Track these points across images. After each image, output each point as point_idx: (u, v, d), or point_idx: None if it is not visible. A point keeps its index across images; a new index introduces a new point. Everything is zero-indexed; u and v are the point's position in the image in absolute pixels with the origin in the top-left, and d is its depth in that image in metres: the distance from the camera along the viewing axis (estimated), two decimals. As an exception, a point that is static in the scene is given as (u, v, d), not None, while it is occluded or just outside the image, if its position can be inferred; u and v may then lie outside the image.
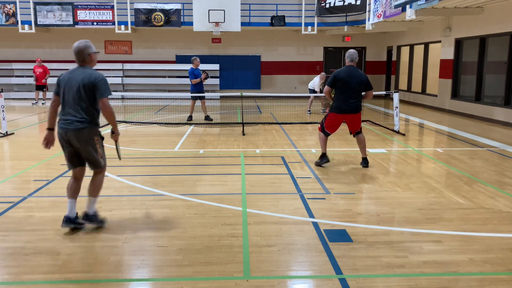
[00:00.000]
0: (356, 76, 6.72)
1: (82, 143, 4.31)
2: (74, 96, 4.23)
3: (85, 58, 4.33)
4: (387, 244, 4.14)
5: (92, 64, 4.40)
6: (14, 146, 9.01)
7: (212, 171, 7.04)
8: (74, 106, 4.24)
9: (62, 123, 4.27)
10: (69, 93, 4.25)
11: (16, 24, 18.23)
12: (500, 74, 12.21)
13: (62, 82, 4.32)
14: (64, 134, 4.27)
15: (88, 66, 4.36)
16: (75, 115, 4.24)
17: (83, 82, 4.21)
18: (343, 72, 6.72)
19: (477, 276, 3.56)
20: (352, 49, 6.92)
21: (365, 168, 7.07)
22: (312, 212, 5.02)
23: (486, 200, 5.47)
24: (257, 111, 15.29)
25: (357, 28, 18.37)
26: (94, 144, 4.44)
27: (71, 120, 4.24)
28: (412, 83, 18.27)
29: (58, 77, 4.41)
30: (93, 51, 4.37)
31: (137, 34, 20.24)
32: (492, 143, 9.24)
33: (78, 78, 4.24)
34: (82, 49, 4.30)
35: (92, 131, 4.39)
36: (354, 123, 7.00)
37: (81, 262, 3.79)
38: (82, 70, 4.30)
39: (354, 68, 6.79)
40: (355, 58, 6.76)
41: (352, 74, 6.70)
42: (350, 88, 6.68)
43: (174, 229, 4.51)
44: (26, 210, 5.10)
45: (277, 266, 3.73)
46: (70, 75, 4.31)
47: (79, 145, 4.32)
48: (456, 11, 12.82)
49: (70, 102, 4.25)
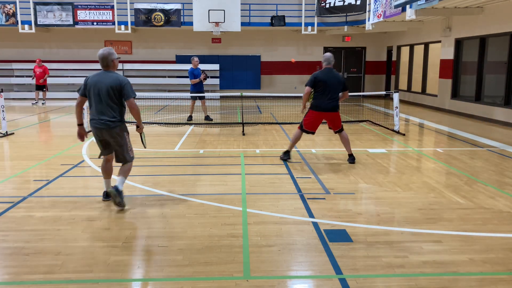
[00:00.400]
0: (335, 77, 7.15)
1: (114, 138, 5.00)
2: (104, 98, 4.83)
3: (109, 64, 4.91)
4: (387, 244, 4.14)
5: (114, 69, 4.99)
6: (14, 146, 9.01)
7: (212, 171, 7.04)
8: (105, 107, 4.85)
9: (96, 123, 4.91)
10: (99, 95, 4.83)
11: (16, 24, 18.23)
12: (500, 74, 12.21)
13: (89, 84, 4.89)
14: (99, 132, 4.96)
15: (111, 70, 4.95)
16: (108, 114, 4.86)
17: (111, 85, 4.81)
18: (323, 74, 7.10)
19: (477, 276, 3.56)
20: (328, 53, 7.34)
21: (352, 164, 7.30)
22: (312, 212, 5.02)
23: (486, 200, 5.47)
24: (257, 111, 15.29)
25: (357, 28, 18.37)
26: (124, 138, 5.06)
27: (104, 120, 4.87)
28: (412, 83, 18.27)
29: (85, 79, 4.96)
30: (116, 57, 4.97)
31: (137, 34, 20.24)
32: (492, 143, 9.25)
33: (106, 81, 4.82)
34: (106, 56, 4.87)
35: (122, 128, 5.02)
36: (335, 122, 7.34)
37: (81, 262, 3.79)
38: (108, 74, 4.89)
39: (332, 70, 7.19)
40: (332, 61, 7.17)
41: (331, 75, 7.12)
42: (329, 88, 7.06)
43: (174, 229, 4.51)
44: (26, 210, 5.10)
45: (277, 266, 3.73)
46: (96, 78, 4.88)
47: (112, 140, 5.02)
48: (456, 11, 12.82)
49: (101, 103, 4.85)
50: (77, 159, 7.70)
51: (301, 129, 7.38)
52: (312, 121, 7.29)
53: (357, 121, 12.51)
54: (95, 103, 4.88)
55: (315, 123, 7.32)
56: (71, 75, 20.42)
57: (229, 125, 11.77)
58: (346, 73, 21.68)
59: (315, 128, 7.38)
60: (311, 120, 7.28)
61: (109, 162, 5.28)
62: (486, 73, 13.11)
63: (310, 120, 7.29)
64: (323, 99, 7.09)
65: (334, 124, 7.36)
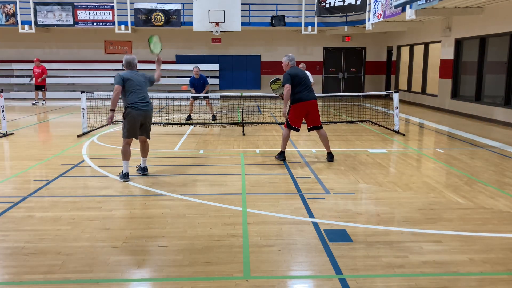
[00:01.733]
0: (302, 72, 7.65)
1: (151, 117, 6.54)
2: (145, 88, 6.41)
3: (135, 66, 6.48)
4: (387, 244, 4.14)
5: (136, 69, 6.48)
6: (14, 146, 9.01)
7: (212, 171, 7.04)
8: (146, 94, 6.41)
9: (142, 105, 6.29)
10: (139, 86, 6.32)
11: (16, 24, 18.22)
12: (500, 74, 12.21)
13: (129, 78, 6.26)
14: (147, 112, 6.38)
15: (135, 70, 6.45)
16: (148, 100, 6.41)
17: (145, 78, 6.50)
18: (294, 70, 7.48)
19: (477, 276, 3.56)
20: (290, 54, 7.87)
21: (331, 162, 7.47)
22: (312, 212, 5.02)
23: (486, 200, 5.47)
24: (257, 111, 15.29)
25: (357, 28, 18.38)
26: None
27: (148, 103, 6.39)
28: (412, 83, 18.27)
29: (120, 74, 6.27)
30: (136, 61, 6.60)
31: (137, 34, 20.23)
32: (492, 143, 9.24)
33: (141, 75, 6.44)
34: (132, 60, 6.49)
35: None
36: (316, 114, 7.53)
37: (81, 262, 3.79)
38: (137, 72, 6.46)
39: (296, 67, 7.65)
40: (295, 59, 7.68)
41: (299, 70, 7.60)
42: (303, 80, 7.45)
43: (174, 229, 4.51)
44: (26, 210, 5.10)
45: (277, 266, 3.73)
46: (131, 74, 6.32)
47: (150, 119, 6.50)
48: (456, 11, 12.82)
49: (143, 91, 6.37)
50: (77, 159, 7.71)
51: (288, 127, 7.55)
52: (297, 116, 7.44)
53: (357, 121, 12.51)
54: (137, 91, 6.28)
55: (299, 117, 7.49)
56: (71, 75, 20.43)
57: (229, 125, 11.77)
58: (346, 73, 21.69)
59: (299, 124, 7.54)
60: (296, 115, 7.45)
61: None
62: (486, 73, 13.11)
63: (295, 115, 7.45)
64: (303, 91, 7.37)
65: (315, 117, 7.52)
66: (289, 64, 7.59)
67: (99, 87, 20.18)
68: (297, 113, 7.45)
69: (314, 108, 7.52)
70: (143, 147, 6.65)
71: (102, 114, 11.36)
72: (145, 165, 6.68)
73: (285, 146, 7.68)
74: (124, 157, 6.35)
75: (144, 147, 6.65)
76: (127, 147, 6.37)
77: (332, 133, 7.08)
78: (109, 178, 6.50)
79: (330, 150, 7.67)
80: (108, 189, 5.96)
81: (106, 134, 10.31)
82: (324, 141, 7.65)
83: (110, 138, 9.72)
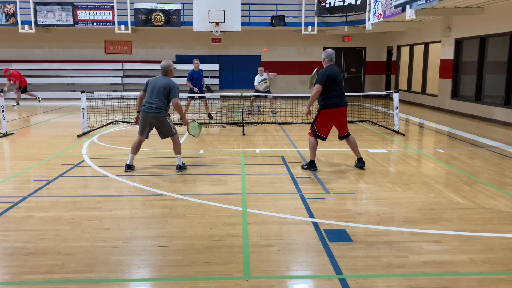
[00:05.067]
0: (339, 72, 6.79)
1: (158, 120, 6.71)
2: (158, 93, 6.59)
3: (168, 72, 6.78)
4: (387, 244, 4.14)
5: (171, 76, 6.83)
6: (14, 146, 9.01)
7: (212, 171, 7.04)
8: (158, 98, 6.61)
9: (145, 108, 6.62)
10: (155, 90, 6.61)
11: (16, 24, 18.22)
12: (500, 74, 12.21)
13: (150, 84, 6.72)
14: (149, 114, 6.62)
15: (167, 77, 6.75)
16: (158, 104, 6.58)
17: (164, 86, 6.61)
18: (331, 70, 6.64)
19: (477, 276, 3.56)
20: (329, 49, 6.88)
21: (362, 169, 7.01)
22: (312, 212, 5.02)
23: (486, 200, 5.47)
24: (257, 111, 15.28)
25: (357, 28, 18.37)
26: (166, 120, 6.77)
27: (152, 107, 6.59)
28: (412, 83, 18.27)
29: (148, 79, 6.81)
30: (172, 68, 6.85)
31: (137, 34, 20.24)
32: (492, 143, 9.24)
33: (162, 83, 6.63)
34: (167, 66, 6.78)
35: (165, 114, 6.74)
36: (345, 121, 6.85)
37: (81, 262, 3.79)
38: (164, 78, 6.70)
39: (334, 65, 6.80)
40: (334, 57, 6.79)
41: (337, 71, 6.72)
42: (339, 84, 6.66)
43: (174, 229, 4.51)
44: (26, 210, 5.10)
45: (277, 266, 3.73)
46: (155, 79, 6.73)
47: (156, 121, 6.70)
48: (456, 11, 12.81)
49: (153, 96, 6.61)
50: (77, 159, 7.71)
51: (314, 135, 6.81)
52: (326, 123, 6.75)
53: (357, 121, 12.50)
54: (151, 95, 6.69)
55: (329, 125, 6.78)
56: (71, 75, 20.42)
57: (229, 125, 11.77)
58: (346, 73, 21.68)
59: (327, 132, 6.82)
60: (326, 121, 6.73)
61: (140, 143, 6.93)
62: (486, 73, 13.11)
63: (324, 122, 6.73)
64: (337, 96, 6.64)
65: (343, 124, 6.85)
66: (324, 60, 6.76)
67: (99, 87, 20.20)
68: (327, 120, 6.72)
69: (344, 115, 6.81)
70: (173, 147, 6.97)
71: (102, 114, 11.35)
72: (178, 163, 6.93)
73: (315, 154, 6.90)
74: (131, 150, 6.91)
75: (173, 147, 6.94)
76: (136, 142, 6.88)
77: (332, 133, 7.05)
78: (109, 178, 6.50)
79: (360, 156, 7.04)
80: (108, 189, 5.96)
81: (106, 134, 10.31)
82: (353, 147, 6.97)
83: (110, 138, 9.71)
